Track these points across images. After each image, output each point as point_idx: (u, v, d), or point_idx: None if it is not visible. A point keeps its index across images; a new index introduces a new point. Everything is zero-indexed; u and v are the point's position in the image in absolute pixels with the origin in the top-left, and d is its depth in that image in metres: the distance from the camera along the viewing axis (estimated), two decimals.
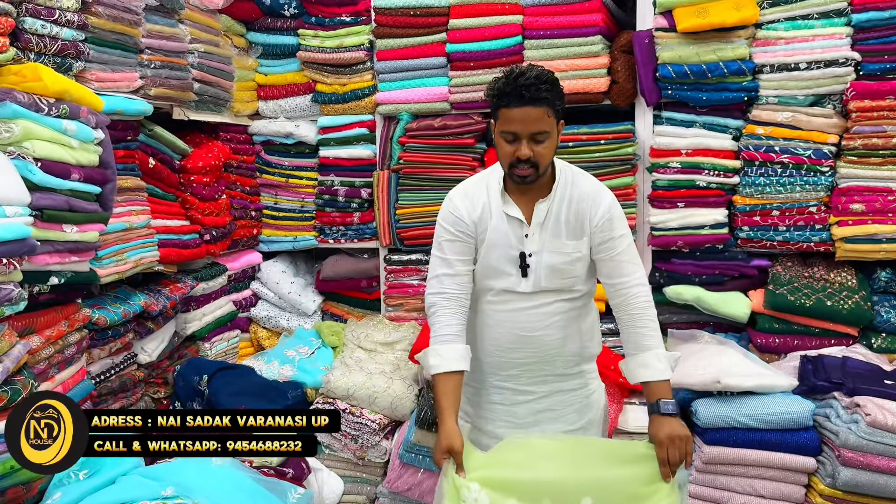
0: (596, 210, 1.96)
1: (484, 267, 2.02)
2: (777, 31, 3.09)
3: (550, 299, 2.00)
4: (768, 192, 3.16)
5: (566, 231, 1.96)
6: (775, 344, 3.09)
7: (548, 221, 1.96)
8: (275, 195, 4.01)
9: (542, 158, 1.87)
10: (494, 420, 2.08)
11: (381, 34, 3.68)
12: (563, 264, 1.97)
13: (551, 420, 2.06)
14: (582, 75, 3.39)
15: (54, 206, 2.24)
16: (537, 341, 2.01)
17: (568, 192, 1.97)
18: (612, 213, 1.97)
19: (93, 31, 2.55)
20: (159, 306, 2.98)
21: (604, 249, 1.97)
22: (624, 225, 2.01)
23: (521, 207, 1.97)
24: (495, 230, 1.98)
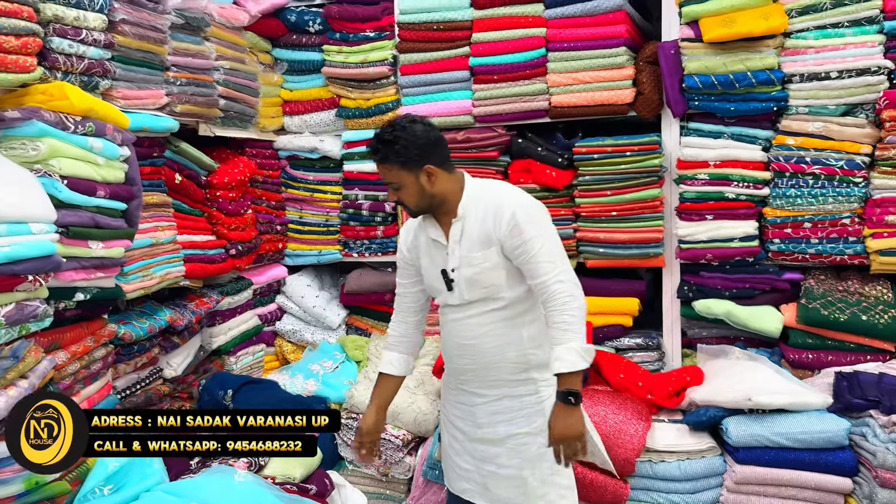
0: (500, 220, 2.06)
1: (426, 286, 2.24)
2: (806, 40, 3.02)
3: (480, 309, 2.13)
4: (800, 204, 3.09)
5: (477, 244, 2.09)
6: (808, 360, 3.01)
7: (462, 239, 2.10)
8: (300, 209, 4.03)
9: (408, 201, 2.09)
10: (463, 418, 2.23)
11: (405, 49, 3.69)
12: (477, 275, 2.09)
13: (505, 423, 2.16)
14: (606, 87, 3.36)
15: (80, 223, 2.27)
16: (474, 349, 2.15)
17: (478, 210, 2.10)
18: (517, 219, 2.04)
19: (119, 49, 2.60)
20: (185, 321, 3.00)
21: (519, 255, 2.06)
22: (535, 227, 2.06)
23: (444, 229, 2.14)
24: (426, 254, 2.19)
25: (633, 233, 3.32)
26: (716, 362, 3.05)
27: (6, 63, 2.09)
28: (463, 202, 2.11)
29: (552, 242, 2.07)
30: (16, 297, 2.01)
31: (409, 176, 2.05)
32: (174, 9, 2.90)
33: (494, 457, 2.16)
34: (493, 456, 2.16)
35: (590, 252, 3.42)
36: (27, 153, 2.15)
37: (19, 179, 2.09)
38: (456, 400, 2.25)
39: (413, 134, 2.04)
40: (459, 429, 2.24)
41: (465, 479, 2.23)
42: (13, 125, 2.15)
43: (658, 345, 3.33)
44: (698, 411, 2.76)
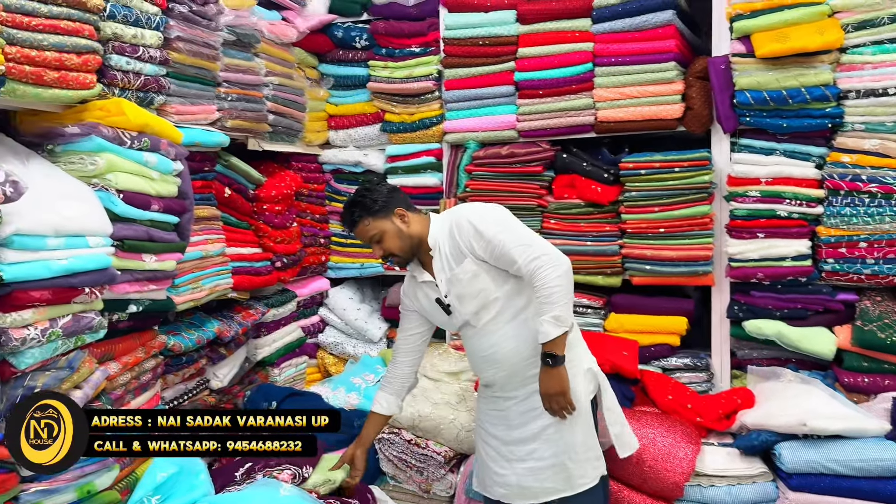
0: (462, 232, 2.20)
1: (439, 324, 2.42)
2: (863, 56, 2.95)
3: (485, 319, 2.24)
4: (855, 223, 3.00)
5: (455, 263, 2.23)
6: (864, 384, 2.91)
7: (444, 269, 2.26)
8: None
9: (392, 249, 2.27)
10: (497, 424, 2.33)
11: (450, 64, 3.70)
12: (463, 289, 2.22)
13: (535, 418, 2.23)
14: (655, 101, 3.32)
15: (135, 237, 2.31)
16: (494, 357, 2.26)
17: (444, 237, 2.25)
18: (474, 224, 2.17)
19: (174, 66, 2.65)
20: (232, 332, 3.03)
21: (491, 253, 2.16)
22: (493, 224, 2.17)
23: (428, 270, 2.31)
24: (423, 297, 2.35)
25: (682, 250, 3.26)
26: (767, 385, 2.97)
27: (67, 80, 2.14)
28: (432, 234, 2.27)
29: (517, 230, 2.18)
30: (73, 309, 2.06)
31: (385, 223, 2.25)
32: (226, 26, 2.95)
33: (531, 452, 2.24)
34: (530, 452, 2.24)
35: (636, 269, 3.37)
36: (85, 168, 2.20)
37: (78, 193, 2.14)
38: (489, 408, 2.35)
39: (375, 188, 2.31)
40: (494, 435, 2.33)
41: (502, 485, 2.30)
42: (72, 140, 2.20)
43: (707, 365, 3.26)
44: (750, 435, 2.69)
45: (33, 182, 1.95)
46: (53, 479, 2.03)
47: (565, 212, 3.51)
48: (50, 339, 1.96)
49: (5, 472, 1.90)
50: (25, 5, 2.01)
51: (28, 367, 1.92)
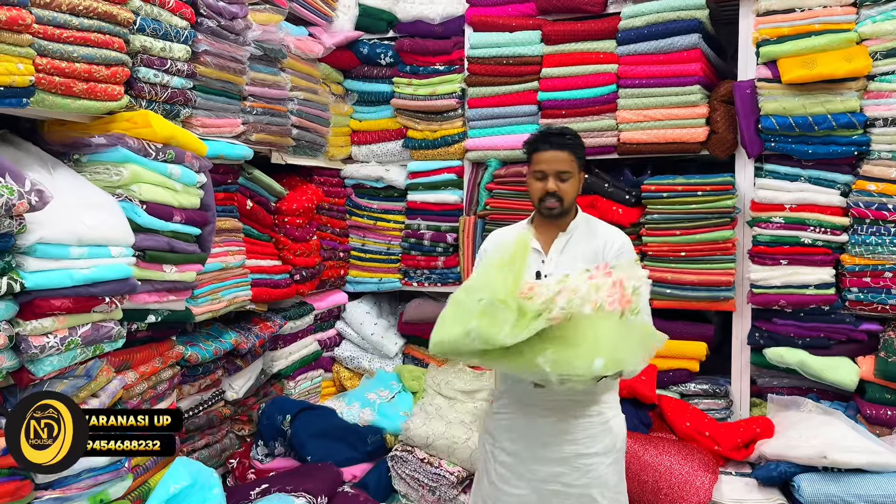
0: (611, 245, 2.22)
1: None
2: (891, 84, 2.91)
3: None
4: (880, 253, 2.96)
5: (581, 258, 2.19)
6: (887, 416, 2.85)
7: (566, 250, 2.22)
8: (363, 237, 4.07)
9: (566, 194, 2.18)
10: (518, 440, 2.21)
11: (474, 82, 3.71)
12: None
13: (571, 443, 2.15)
14: (679, 125, 3.30)
15: (156, 248, 2.33)
16: None
17: (587, 230, 2.25)
18: (625, 249, 2.22)
19: (200, 79, 2.68)
20: (249, 344, 3.04)
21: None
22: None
23: (543, 240, 2.24)
24: None
25: (703, 274, 3.23)
26: (787, 414, 2.92)
27: (96, 91, 2.17)
28: (577, 219, 2.26)
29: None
30: (92, 318, 2.07)
31: (577, 172, 2.21)
32: (254, 41, 2.98)
33: (558, 476, 2.16)
34: (557, 475, 2.16)
35: (656, 292, 3.33)
36: (110, 178, 2.23)
37: (102, 203, 2.16)
38: (511, 423, 2.23)
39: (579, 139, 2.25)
40: (512, 452, 2.22)
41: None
42: (99, 151, 2.23)
43: (726, 392, 3.22)
44: (769, 466, 2.64)
45: (58, 191, 1.97)
46: (67, 486, 2.04)
47: None
48: (69, 347, 1.97)
49: (20, 479, 1.91)
50: (57, 17, 2.05)
51: (46, 375, 1.93)
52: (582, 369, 1.76)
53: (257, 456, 3.09)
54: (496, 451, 2.27)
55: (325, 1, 3.66)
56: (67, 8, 2.07)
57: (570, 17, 3.55)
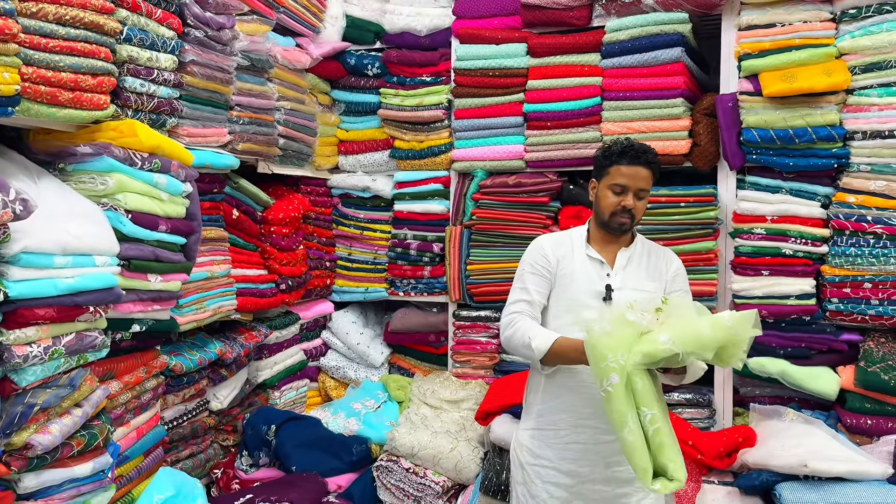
0: (671, 263, 2.28)
1: (569, 299, 2.21)
2: (870, 98, 2.97)
3: None
4: (860, 264, 3.00)
5: (646, 275, 2.23)
6: (867, 425, 2.89)
7: (629, 266, 2.23)
8: (349, 246, 4.08)
9: (639, 212, 2.21)
10: (579, 459, 2.16)
11: (460, 94, 3.74)
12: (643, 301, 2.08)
13: None
14: (662, 137, 3.34)
15: (141, 257, 2.33)
16: None
17: (645, 248, 2.29)
18: (682, 271, 2.29)
19: (187, 89, 2.68)
20: (234, 354, 3.04)
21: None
22: (687, 282, 2.30)
23: (603, 255, 2.25)
24: (579, 269, 2.23)
25: None
26: (769, 423, 2.95)
27: (81, 100, 2.17)
28: (638, 237, 2.29)
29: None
30: (76, 328, 2.06)
31: (649, 190, 2.23)
32: (241, 51, 2.99)
33: (622, 497, 2.14)
34: (621, 496, 2.14)
35: None
36: (96, 187, 2.23)
37: (87, 212, 2.16)
38: (566, 441, 2.17)
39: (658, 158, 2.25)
40: (569, 472, 2.16)
41: None
42: (84, 160, 2.23)
43: (709, 402, 3.24)
44: (751, 474, 2.67)
45: (43, 200, 1.97)
46: (50, 497, 2.03)
47: None
48: (52, 356, 1.96)
49: (1, 490, 1.90)
50: (44, 27, 2.05)
51: (29, 385, 1.92)
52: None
53: (241, 466, 3.08)
54: (547, 471, 2.19)
55: (313, 12, 3.68)
56: (54, 18, 2.07)
57: (556, 30, 3.59)
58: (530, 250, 2.31)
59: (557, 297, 2.23)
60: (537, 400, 2.25)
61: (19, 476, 1.94)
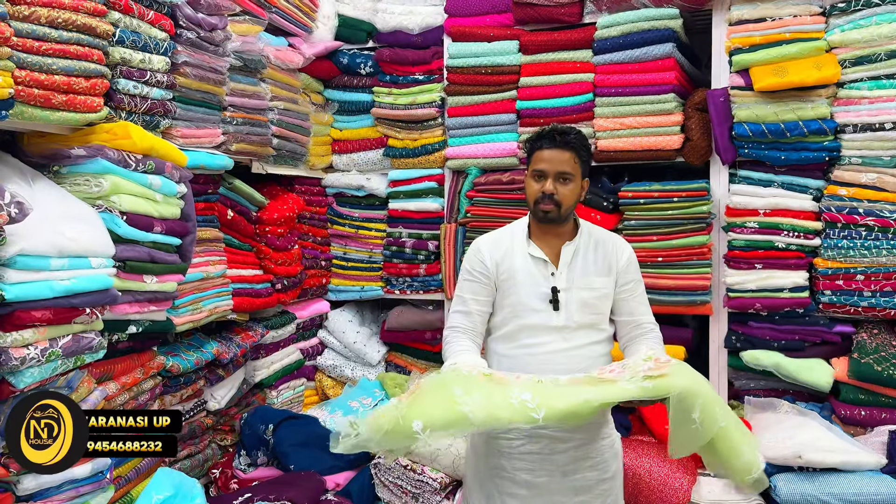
0: (621, 253, 2.16)
1: (513, 305, 2.11)
2: (860, 91, 2.99)
3: (586, 340, 2.09)
4: (852, 256, 3.02)
5: (594, 270, 2.12)
6: (861, 416, 2.91)
7: (575, 262, 2.11)
8: (344, 245, 4.09)
9: (565, 199, 2.06)
10: (536, 469, 2.08)
11: (453, 91, 3.75)
12: (593, 299, 2.10)
13: (591, 468, 2.09)
14: (654, 132, 3.36)
15: (137, 258, 2.33)
16: None
17: (591, 238, 2.16)
18: (633, 258, 2.18)
19: (180, 90, 2.68)
20: (230, 354, 3.04)
21: (626, 290, 2.14)
22: (638, 271, 2.21)
23: (545, 250, 2.12)
24: (520, 269, 2.11)
25: (680, 279, 3.28)
26: (764, 416, 2.97)
27: (75, 103, 2.17)
28: (583, 227, 2.16)
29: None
30: (73, 330, 2.07)
31: (579, 176, 2.09)
32: (233, 51, 2.99)
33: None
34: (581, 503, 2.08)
35: None
36: (90, 189, 2.23)
37: (82, 215, 2.16)
38: (521, 451, 2.08)
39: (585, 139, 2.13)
40: (527, 484, 2.07)
41: None
42: (78, 162, 2.23)
43: None
44: None
45: (38, 203, 1.98)
46: (49, 498, 2.04)
47: None
48: (49, 358, 1.97)
49: (1, 492, 1.91)
50: (37, 30, 2.05)
51: (27, 387, 1.93)
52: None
53: (240, 466, 3.08)
54: (502, 482, 2.10)
55: (305, 12, 3.69)
56: (46, 20, 2.07)
57: (547, 27, 3.60)
58: (467, 255, 2.20)
59: (501, 303, 2.12)
60: None
61: (18, 478, 1.95)
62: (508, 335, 2.11)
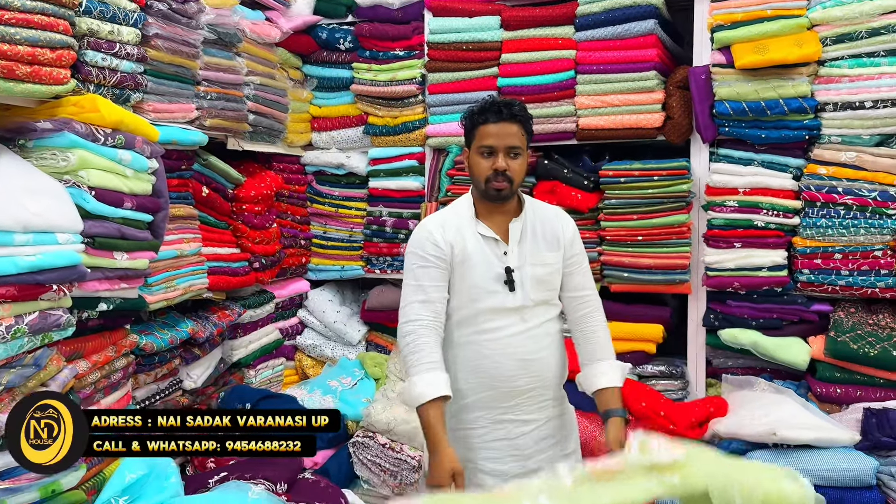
0: (566, 227, 2.13)
1: (469, 288, 2.04)
2: (841, 69, 2.97)
3: (542, 318, 2.07)
4: (830, 235, 3.02)
5: (544, 245, 2.08)
6: (836, 394, 2.93)
7: (524, 239, 2.06)
8: (324, 224, 4.05)
9: (517, 175, 2.00)
10: (499, 458, 2.05)
11: (434, 68, 3.70)
12: (546, 275, 2.07)
13: (552, 446, 2.09)
14: (635, 110, 3.33)
15: (106, 234, 2.28)
16: (537, 365, 2.05)
17: (536, 214, 2.12)
18: (576, 231, 2.16)
19: (151, 63, 2.63)
20: (206, 333, 3.01)
21: (573, 263, 2.13)
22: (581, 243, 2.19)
23: (494, 229, 2.06)
24: (474, 250, 2.04)
25: (659, 258, 3.27)
26: (741, 393, 2.98)
27: (41, 75, 2.12)
28: (528, 202, 2.12)
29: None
30: (39, 306, 2.03)
31: (525, 148, 2.03)
32: (207, 24, 2.93)
33: None
34: None
35: (614, 276, 3.38)
36: (57, 164, 2.18)
37: (48, 189, 2.11)
38: (486, 440, 2.05)
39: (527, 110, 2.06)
40: (491, 472, 2.03)
41: None
42: (45, 136, 2.17)
43: (682, 373, 3.27)
44: (722, 444, 2.70)
45: (2, 177, 1.93)
46: (17, 477, 2.00)
47: None
48: (15, 336, 1.93)
49: None
50: None
51: None
52: None
53: None
54: (472, 475, 2.02)
55: None
56: None
57: (529, 2, 3.55)
58: (416, 239, 2.07)
59: (457, 287, 2.04)
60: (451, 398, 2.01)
61: None
62: (466, 320, 2.04)
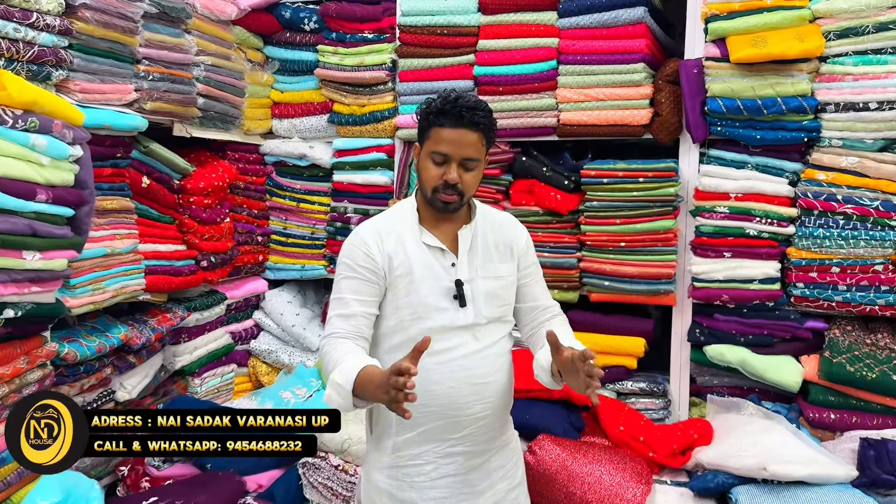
0: (520, 236, 1.96)
1: (413, 305, 1.79)
2: (844, 66, 2.74)
3: (494, 336, 1.85)
4: (828, 246, 2.79)
5: (497, 256, 1.89)
6: (830, 420, 2.70)
7: (475, 248, 1.86)
8: (284, 220, 3.76)
9: (468, 188, 1.78)
10: (448, 497, 1.82)
11: (405, 53, 3.41)
12: (500, 289, 1.88)
13: (501, 479, 1.91)
14: (621, 106, 3.08)
15: (13, 231, 2.00)
16: (491, 388, 1.83)
17: (487, 221, 1.92)
18: (530, 240, 2.00)
19: (79, 37, 2.34)
20: (143, 339, 2.73)
21: (529, 274, 1.96)
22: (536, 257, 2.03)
23: (440, 238, 1.84)
24: (418, 263, 1.80)
25: (643, 266, 3.02)
26: (727, 417, 2.75)
27: None
28: (479, 209, 1.91)
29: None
30: None
31: (483, 158, 1.81)
32: None
33: None
34: None
35: (594, 285, 3.13)
36: None
37: None
38: (433, 478, 1.81)
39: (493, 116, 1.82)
40: None
41: None
42: None
43: (664, 391, 3.03)
44: (706, 476, 2.46)
45: None
46: None
47: (522, 219, 3.15)
48: None
49: None
50: None
51: None
52: None
53: (153, 462, 2.78)
54: None
55: None
56: None
57: None
58: (347, 248, 1.81)
59: (397, 304, 1.78)
60: (390, 431, 1.82)
61: None
62: (409, 342, 1.71)
